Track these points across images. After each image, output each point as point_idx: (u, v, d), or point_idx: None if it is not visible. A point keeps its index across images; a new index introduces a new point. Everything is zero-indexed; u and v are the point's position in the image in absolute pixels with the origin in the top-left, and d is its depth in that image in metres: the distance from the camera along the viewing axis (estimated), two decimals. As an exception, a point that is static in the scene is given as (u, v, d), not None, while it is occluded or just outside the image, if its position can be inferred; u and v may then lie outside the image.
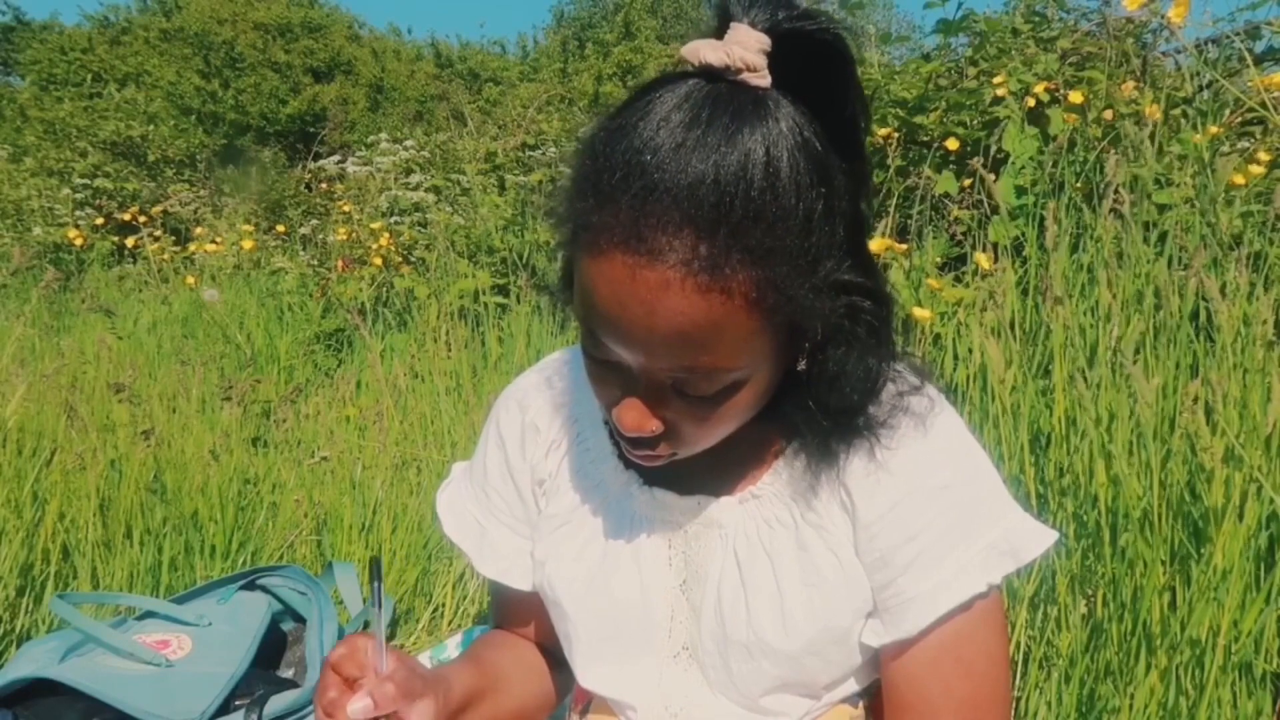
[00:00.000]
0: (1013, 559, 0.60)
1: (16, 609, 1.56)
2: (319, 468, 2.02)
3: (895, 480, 0.61)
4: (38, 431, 1.97)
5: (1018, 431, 1.39)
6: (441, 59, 15.37)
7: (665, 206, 0.46)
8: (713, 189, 0.46)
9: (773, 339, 0.52)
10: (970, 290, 1.79)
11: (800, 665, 0.62)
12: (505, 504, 0.76)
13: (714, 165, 0.46)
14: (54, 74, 12.53)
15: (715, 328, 0.48)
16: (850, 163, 0.51)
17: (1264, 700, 1.11)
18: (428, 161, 4.79)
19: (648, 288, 0.47)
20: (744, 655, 0.63)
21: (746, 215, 0.46)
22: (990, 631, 0.61)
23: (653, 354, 0.50)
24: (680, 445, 0.58)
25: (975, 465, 0.63)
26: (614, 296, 0.49)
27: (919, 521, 0.60)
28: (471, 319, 2.89)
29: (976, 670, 0.60)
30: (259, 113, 12.57)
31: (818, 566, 0.62)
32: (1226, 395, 1.19)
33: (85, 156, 6.84)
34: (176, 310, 4.05)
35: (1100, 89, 2.21)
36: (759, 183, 0.46)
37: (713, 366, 0.51)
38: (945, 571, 0.60)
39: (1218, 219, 1.67)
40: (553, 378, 0.75)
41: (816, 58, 0.49)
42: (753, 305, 0.48)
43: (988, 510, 0.62)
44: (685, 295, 0.47)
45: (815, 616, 0.62)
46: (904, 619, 0.60)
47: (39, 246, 5.38)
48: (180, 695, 1.12)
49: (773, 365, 0.55)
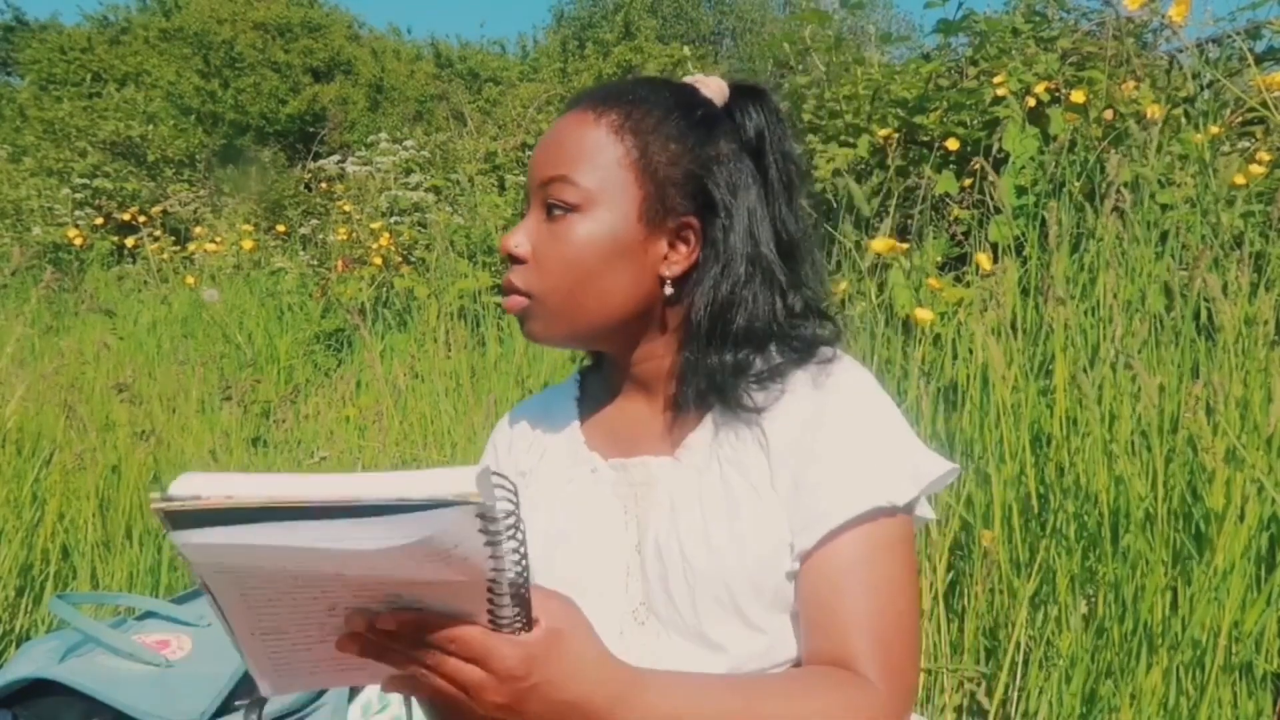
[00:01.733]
0: (913, 482, 0.67)
1: (16, 609, 1.56)
2: (319, 468, 2.02)
3: (800, 409, 0.69)
4: (37, 431, 1.97)
5: (1018, 431, 1.39)
6: (441, 59, 15.36)
7: (596, 90, 0.74)
8: (625, 84, 0.74)
9: (626, 180, 0.69)
10: (971, 290, 1.79)
11: (729, 586, 0.66)
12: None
13: (634, 82, 0.74)
14: (53, 74, 12.52)
15: (579, 141, 0.70)
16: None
17: (1264, 700, 1.11)
18: (427, 161, 4.79)
19: (560, 121, 0.73)
20: (680, 581, 0.68)
21: (639, 97, 0.72)
22: (894, 557, 0.66)
23: (539, 164, 0.71)
24: (535, 283, 0.70)
25: (881, 402, 0.71)
26: (547, 133, 0.74)
27: (825, 445, 0.67)
28: (471, 319, 2.89)
29: (881, 588, 0.64)
30: (259, 112, 12.56)
31: (738, 500, 0.68)
32: (1228, 396, 1.19)
33: (85, 156, 6.85)
34: (176, 310, 4.05)
35: (1101, 89, 2.21)
36: (662, 94, 0.73)
37: (569, 174, 0.68)
38: (847, 484, 0.65)
39: (1219, 219, 1.67)
40: (539, 397, 0.88)
41: (749, 96, 0.76)
42: (613, 133, 0.69)
43: (888, 438, 0.69)
44: (575, 119, 0.71)
45: (737, 539, 0.67)
46: (809, 528, 0.65)
47: (39, 246, 5.38)
48: (180, 695, 1.12)
49: (624, 218, 0.69)
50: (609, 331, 0.72)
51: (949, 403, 1.63)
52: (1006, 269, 1.66)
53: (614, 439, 0.77)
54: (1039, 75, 2.31)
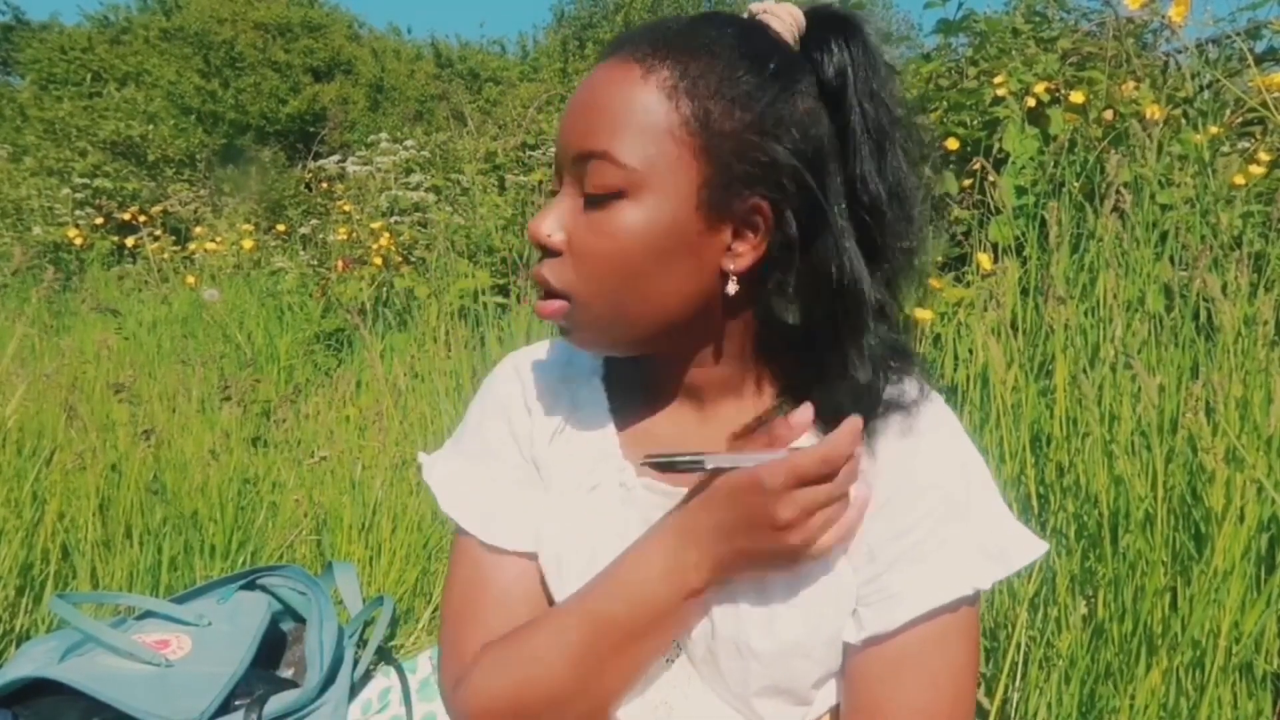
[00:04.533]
0: (1002, 565, 0.59)
1: (16, 608, 1.56)
2: (319, 468, 2.02)
3: (885, 478, 0.59)
4: (38, 431, 1.97)
5: (1018, 431, 1.39)
6: (441, 59, 15.36)
7: (638, 32, 0.59)
8: (678, 26, 0.58)
9: (679, 157, 0.55)
10: (971, 290, 1.79)
11: (788, 667, 0.60)
12: (507, 467, 0.70)
13: (689, 22, 0.59)
14: (54, 73, 12.52)
15: (625, 103, 0.56)
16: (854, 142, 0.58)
17: (1264, 701, 1.11)
18: (428, 161, 4.79)
19: (598, 71, 0.58)
20: (733, 654, 0.60)
21: (696, 45, 0.56)
22: (961, 644, 0.58)
23: (574, 132, 0.58)
24: (572, 282, 0.59)
25: (968, 465, 0.61)
26: (577, 92, 0.59)
27: (908, 519, 0.58)
28: (471, 319, 2.89)
29: (939, 683, 0.58)
30: (259, 112, 12.57)
31: (805, 566, 0.59)
32: (1228, 396, 1.19)
33: (85, 156, 6.85)
34: (176, 310, 4.05)
35: (1101, 89, 2.21)
36: (724, 39, 0.57)
37: (610, 150, 0.55)
38: (931, 569, 0.57)
39: (1219, 219, 1.67)
40: (546, 355, 0.73)
41: (830, 28, 0.58)
42: (666, 96, 0.55)
43: (979, 513, 0.60)
44: (616, 71, 0.57)
45: (800, 617, 0.59)
46: (883, 614, 0.58)
47: (39, 246, 5.38)
48: (180, 695, 1.11)
49: (676, 204, 0.56)
50: (661, 337, 0.61)
51: (949, 403, 1.63)
52: (1007, 269, 1.66)
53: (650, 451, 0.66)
54: (1039, 75, 2.31)
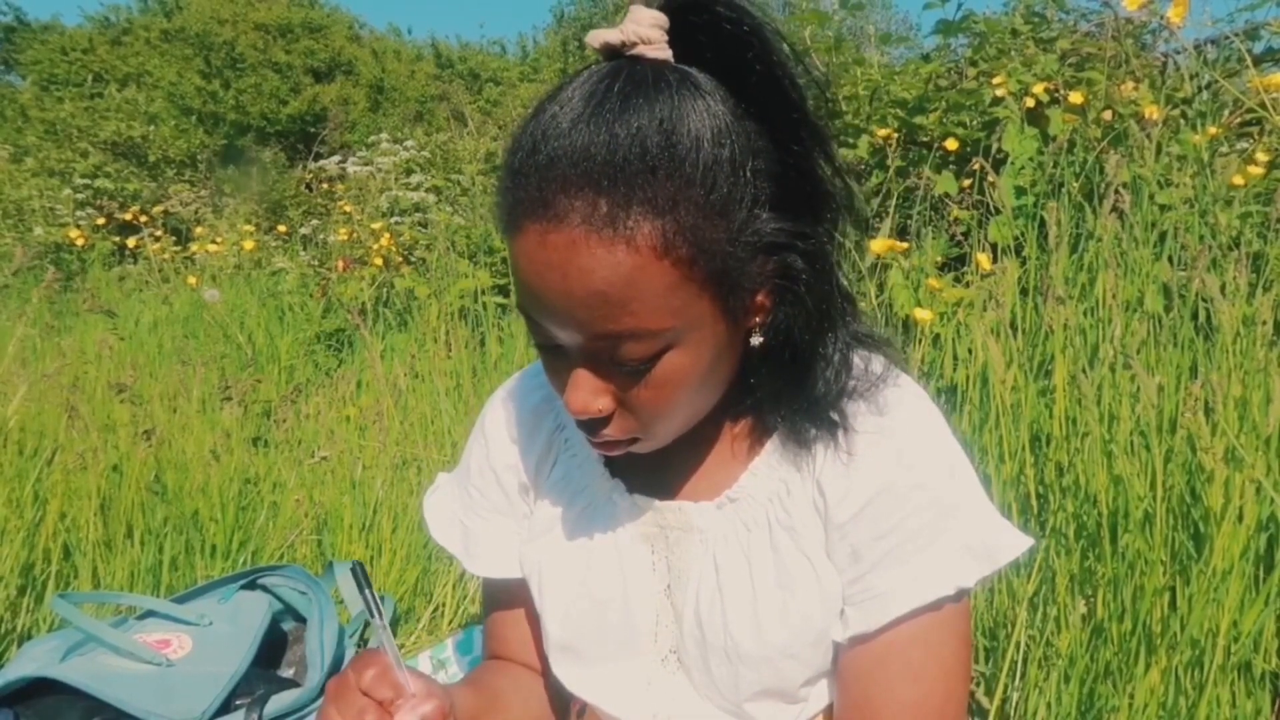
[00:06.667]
0: (987, 563, 0.59)
1: (17, 608, 1.56)
2: (319, 467, 2.02)
3: (866, 479, 0.60)
4: (39, 431, 1.97)
5: (1018, 431, 1.39)
6: (442, 59, 15.37)
7: (565, 171, 0.48)
8: (607, 148, 0.48)
9: (699, 295, 0.52)
10: (970, 290, 1.79)
11: (777, 669, 0.61)
12: (484, 496, 0.75)
13: (608, 128, 0.48)
14: (55, 74, 12.53)
15: (628, 283, 0.49)
16: (772, 122, 0.53)
17: (1263, 700, 1.11)
18: (428, 162, 4.79)
19: (557, 251, 0.49)
20: (723, 660, 0.62)
21: (644, 169, 0.48)
22: (947, 638, 0.59)
23: (577, 322, 0.51)
24: (637, 427, 0.57)
25: (950, 462, 0.61)
26: (532, 268, 0.51)
27: (891, 520, 0.59)
28: (471, 319, 2.90)
29: (926, 676, 0.59)
30: (259, 113, 12.58)
31: (790, 569, 0.61)
32: (1227, 396, 1.19)
33: (86, 157, 6.85)
34: (177, 310, 4.05)
35: (1100, 89, 2.22)
36: (655, 139, 0.48)
37: (637, 328, 0.51)
38: (915, 569, 0.58)
39: (1217, 219, 1.67)
40: (532, 379, 0.75)
41: (716, 28, 0.51)
42: (662, 255, 0.49)
43: (963, 510, 0.60)
44: (591, 251, 0.48)
45: (788, 620, 0.61)
46: (869, 613, 0.59)
47: (40, 246, 5.38)
48: (181, 694, 1.12)
49: (713, 330, 0.54)
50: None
51: (948, 403, 1.63)
52: (1006, 269, 1.66)
53: (638, 471, 0.68)
54: (1038, 76, 2.31)
